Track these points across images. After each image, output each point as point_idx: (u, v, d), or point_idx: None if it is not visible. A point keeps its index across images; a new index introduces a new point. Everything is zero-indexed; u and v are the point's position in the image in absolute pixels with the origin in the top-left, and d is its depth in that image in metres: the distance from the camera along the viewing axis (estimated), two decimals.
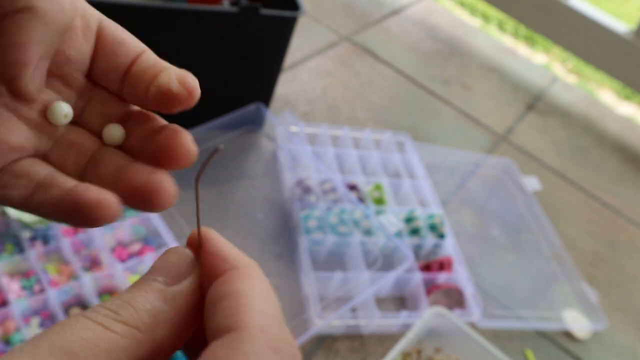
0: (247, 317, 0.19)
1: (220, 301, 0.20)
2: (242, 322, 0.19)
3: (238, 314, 0.19)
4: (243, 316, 0.19)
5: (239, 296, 0.20)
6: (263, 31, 0.95)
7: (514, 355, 0.92)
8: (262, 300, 0.20)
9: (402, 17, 1.61)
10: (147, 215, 0.85)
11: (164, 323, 0.20)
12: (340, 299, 0.88)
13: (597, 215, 1.26)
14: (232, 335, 0.19)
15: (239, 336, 0.19)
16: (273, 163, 1.05)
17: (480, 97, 1.44)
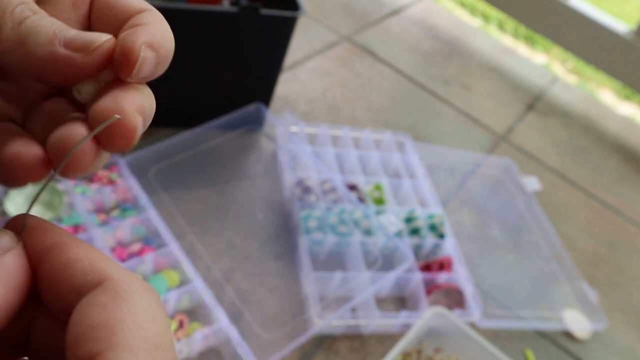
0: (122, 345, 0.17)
1: (90, 331, 0.17)
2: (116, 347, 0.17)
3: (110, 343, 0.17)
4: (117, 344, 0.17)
5: (113, 328, 0.18)
6: (263, 31, 0.95)
7: (514, 355, 0.92)
8: (140, 326, 0.18)
9: (402, 17, 1.61)
10: (147, 215, 0.85)
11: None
12: (340, 299, 0.88)
13: (597, 215, 1.26)
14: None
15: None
16: (273, 163, 1.05)
17: (480, 97, 1.44)
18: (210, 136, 1.02)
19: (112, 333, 0.17)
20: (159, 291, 0.79)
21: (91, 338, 0.17)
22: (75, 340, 0.18)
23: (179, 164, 0.97)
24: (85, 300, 0.18)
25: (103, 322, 0.18)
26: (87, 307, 0.18)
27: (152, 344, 0.18)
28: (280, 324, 0.83)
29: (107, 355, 0.17)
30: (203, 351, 0.77)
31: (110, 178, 0.90)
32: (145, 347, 0.17)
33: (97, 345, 0.17)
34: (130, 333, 0.17)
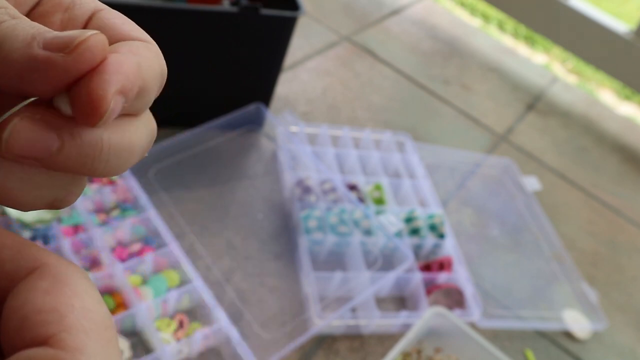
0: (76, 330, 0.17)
1: (36, 315, 0.17)
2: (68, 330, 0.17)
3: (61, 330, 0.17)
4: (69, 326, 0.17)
5: (62, 311, 0.17)
6: (263, 31, 0.95)
7: (514, 355, 0.92)
8: (88, 309, 0.18)
9: (402, 17, 1.61)
10: (147, 215, 0.85)
11: None
12: (340, 299, 0.88)
13: (597, 215, 1.26)
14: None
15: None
16: (273, 163, 1.05)
17: (480, 97, 1.44)
18: (210, 136, 1.02)
19: (62, 316, 0.17)
20: (159, 291, 0.79)
21: (40, 322, 0.17)
22: (20, 326, 0.17)
23: (179, 164, 0.97)
24: (23, 286, 0.18)
25: (50, 307, 0.17)
26: (28, 292, 0.18)
27: (101, 324, 0.18)
28: (280, 324, 0.83)
29: (62, 337, 0.17)
30: (203, 351, 0.78)
31: (110, 178, 0.90)
32: (96, 328, 0.18)
33: (48, 329, 0.17)
34: (81, 315, 0.17)
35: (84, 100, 0.19)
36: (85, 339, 0.17)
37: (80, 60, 0.19)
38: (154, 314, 0.78)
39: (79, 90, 0.19)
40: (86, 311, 0.18)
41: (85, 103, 0.19)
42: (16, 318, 0.17)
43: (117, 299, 0.78)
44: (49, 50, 0.19)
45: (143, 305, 0.75)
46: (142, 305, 0.75)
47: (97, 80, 0.19)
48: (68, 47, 0.19)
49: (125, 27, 0.22)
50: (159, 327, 0.77)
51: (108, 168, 0.20)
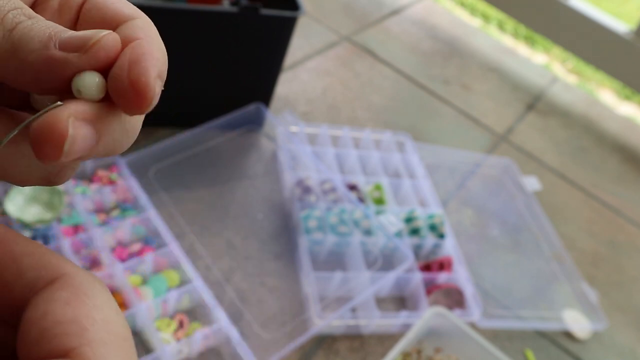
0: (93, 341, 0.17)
1: (57, 327, 0.17)
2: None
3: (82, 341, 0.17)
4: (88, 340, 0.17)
5: (83, 323, 0.17)
6: (263, 31, 0.95)
7: (514, 355, 0.92)
8: (108, 321, 0.18)
9: (402, 17, 1.61)
10: (147, 215, 0.85)
11: None
12: (340, 299, 0.88)
13: (597, 215, 1.26)
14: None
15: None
16: (273, 163, 1.05)
17: (480, 97, 1.44)
18: (210, 136, 1.02)
19: (83, 329, 0.17)
20: (159, 291, 0.79)
21: (60, 334, 0.17)
22: (39, 337, 0.17)
23: (179, 164, 0.97)
24: (43, 296, 0.18)
25: (70, 318, 0.17)
26: (48, 303, 0.18)
27: (121, 336, 0.18)
28: (280, 324, 0.83)
29: (83, 350, 0.17)
30: (203, 351, 0.78)
31: (110, 178, 0.90)
32: (116, 340, 0.18)
33: (68, 341, 0.17)
34: (101, 327, 0.17)
35: (131, 91, 0.19)
36: (106, 352, 0.17)
37: (95, 58, 0.20)
38: (154, 314, 0.78)
39: (122, 82, 0.20)
40: (106, 323, 0.18)
41: (133, 93, 0.19)
42: (36, 329, 0.17)
43: (117, 299, 0.77)
44: (65, 51, 0.19)
45: (143, 305, 0.75)
46: (142, 305, 0.75)
47: (139, 70, 0.20)
48: (84, 47, 0.20)
49: (118, 5, 0.22)
50: (159, 327, 0.77)
51: (124, 149, 0.21)
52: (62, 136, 0.19)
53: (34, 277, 0.18)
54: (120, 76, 0.20)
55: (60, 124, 0.19)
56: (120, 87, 0.20)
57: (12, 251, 0.19)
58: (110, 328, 0.18)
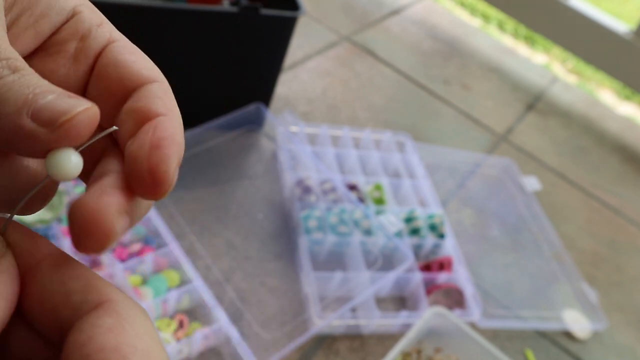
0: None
1: (99, 354, 0.17)
2: None
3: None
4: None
5: (125, 352, 0.17)
6: (263, 31, 0.95)
7: (514, 355, 0.92)
8: (149, 351, 0.18)
9: (402, 17, 1.61)
10: (147, 215, 0.85)
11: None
12: (340, 299, 0.88)
13: (597, 215, 1.26)
14: None
15: None
16: (273, 163, 1.05)
17: (480, 97, 1.44)
18: (210, 136, 1.02)
19: (124, 357, 0.17)
20: (159, 291, 0.79)
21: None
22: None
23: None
24: (89, 321, 0.18)
25: (113, 346, 0.17)
26: (92, 329, 0.18)
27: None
28: (280, 324, 0.83)
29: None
30: (203, 351, 0.78)
31: None
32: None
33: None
34: (141, 357, 0.18)
35: (148, 178, 0.19)
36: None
37: (66, 136, 0.18)
38: (154, 314, 0.78)
39: (141, 166, 0.19)
40: (147, 353, 0.18)
41: (151, 181, 0.19)
42: (79, 354, 0.17)
43: None
44: (36, 122, 0.18)
45: (143, 306, 0.75)
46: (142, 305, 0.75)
47: (160, 157, 0.19)
48: (55, 123, 0.18)
49: (137, 65, 0.21)
50: (159, 327, 0.77)
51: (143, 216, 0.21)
52: (108, 234, 0.18)
53: (80, 300, 0.18)
54: (139, 158, 0.19)
55: (108, 221, 0.18)
56: (137, 170, 0.19)
57: (62, 273, 0.19)
58: (150, 358, 0.18)
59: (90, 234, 0.18)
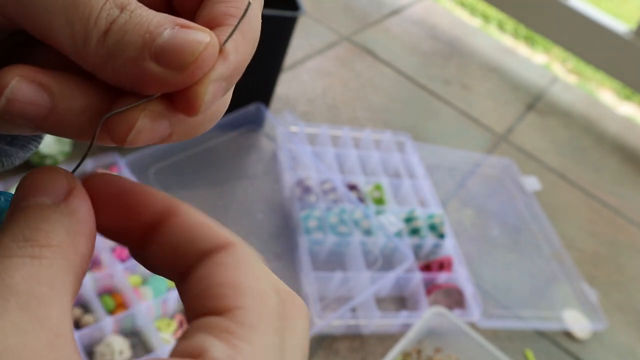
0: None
1: (218, 288, 0.19)
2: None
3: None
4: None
5: (242, 288, 0.19)
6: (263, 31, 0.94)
7: (514, 355, 0.92)
8: (264, 292, 0.19)
9: (402, 17, 1.61)
10: None
11: (76, 234, 0.19)
12: (340, 299, 0.88)
13: (597, 215, 1.26)
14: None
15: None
16: (273, 163, 1.05)
17: (480, 97, 1.44)
18: (210, 136, 1.02)
19: (241, 293, 0.18)
20: (159, 291, 0.79)
21: (220, 294, 0.18)
22: (203, 294, 0.19)
23: (178, 164, 0.97)
24: (213, 259, 0.20)
25: (231, 282, 0.19)
26: (215, 266, 0.19)
27: (274, 311, 0.19)
28: None
29: (237, 312, 0.18)
30: None
31: None
32: (269, 314, 0.19)
33: (226, 302, 0.18)
34: (257, 297, 0.19)
35: (182, 98, 0.19)
36: (257, 320, 0.18)
37: (192, 77, 0.19)
38: (154, 314, 0.78)
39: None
40: (262, 294, 0.19)
41: (183, 99, 0.19)
42: (201, 286, 0.19)
43: (117, 299, 0.78)
44: (161, 66, 0.18)
45: (143, 305, 0.75)
46: (142, 305, 0.75)
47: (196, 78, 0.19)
48: (182, 66, 0.18)
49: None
50: (159, 327, 0.77)
51: (205, 130, 0.22)
52: (128, 127, 0.19)
53: (207, 244, 0.20)
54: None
55: (131, 121, 0.19)
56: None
57: (191, 222, 0.21)
58: (265, 300, 0.19)
59: (113, 127, 0.19)
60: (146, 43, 0.18)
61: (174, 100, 0.20)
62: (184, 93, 0.19)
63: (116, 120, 0.19)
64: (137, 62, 0.18)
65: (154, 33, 0.18)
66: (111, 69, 0.19)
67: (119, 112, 0.19)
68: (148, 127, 0.19)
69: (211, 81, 0.19)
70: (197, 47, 0.19)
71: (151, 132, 0.20)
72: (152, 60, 0.18)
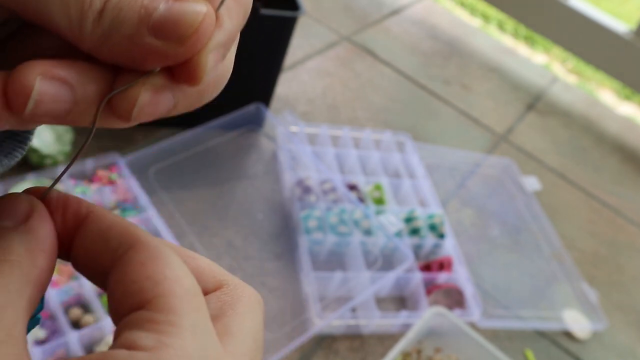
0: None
1: (133, 284, 0.20)
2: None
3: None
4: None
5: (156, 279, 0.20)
6: (263, 31, 0.95)
7: (514, 355, 0.92)
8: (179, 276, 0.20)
9: (402, 17, 1.61)
10: (147, 215, 0.85)
11: (35, 251, 0.20)
12: (340, 299, 0.88)
13: (597, 215, 1.26)
14: None
15: None
16: (273, 163, 1.05)
17: (480, 97, 1.44)
18: (210, 136, 1.02)
19: (156, 283, 0.19)
20: None
21: (137, 290, 0.19)
22: (122, 295, 0.20)
23: (178, 164, 0.97)
24: (124, 259, 0.20)
25: (145, 276, 0.20)
26: (127, 265, 0.20)
27: (191, 291, 0.20)
28: (280, 324, 0.83)
29: (157, 301, 0.19)
30: None
31: (110, 178, 0.90)
32: (187, 293, 0.19)
33: (144, 295, 0.19)
34: (172, 282, 0.20)
35: (183, 69, 0.19)
36: (177, 301, 0.19)
37: (194, 48, 0.19)
38: None
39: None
40: (176, 278, 0.20)
41: (185, 70, 0.19)
42: (119, 289, 0.20)
43: None
44: (161, 40, 0.18)
45: None
46: None
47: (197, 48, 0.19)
48: (182, 38, 0.18)
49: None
50: None
51: (211, 97, 0.22)
52: (131, 104, 0.19)
53: (116, 245, 0.21)
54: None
55: (133, 97, 0.19)
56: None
57: (101, 225, 0.21)
58: (180, 282, 0.20)
59: (114, 106, 0.19)
60: (142, 18, 0.18)
61: (174, 72, 0.20)
62: (184, 64, 0.19)
63: (119, 98, 0.19)
64: (135, 38, 0.18)
65: (149, 7, 0.18)
66: (109, 48, 0.19)
67: (120, 91, 0.19)
68: (151, 100, 0.20)
69: (210, 50, 0.19)
70: (196, 18, 0.19)
71: (155, 105, 0.20)
72: (150, 35, 0.18)
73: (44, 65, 0.19)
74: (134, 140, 0.98)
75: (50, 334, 0.73)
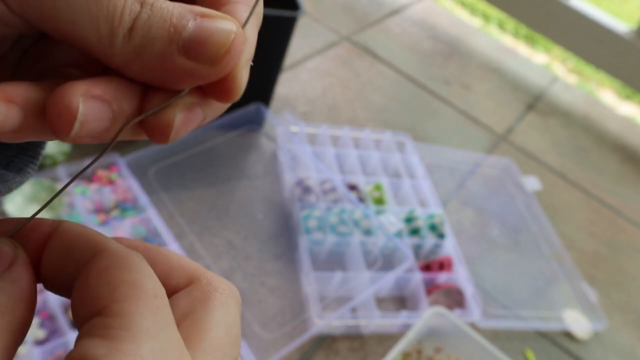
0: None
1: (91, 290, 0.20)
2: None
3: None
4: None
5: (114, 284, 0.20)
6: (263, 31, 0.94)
7: (514, 355, 0.92)
8: (137, 280, 0.20)
9: (402, 17, 1.61)
10: (147, 215, 0.85)
11: (17, 300, 0.20)
12: (340, 299, 0.88)
13: (597, 215, 1.26)
14: None
15: None
16: (273, 163, 1.05)
17: (480, 97, 1.44)
18: (210, 136, 1.02)
19: (113, 289, 0.19)
20: None
21: (95, 297, 0.19)
22: (81, 303, 0.19)
23: (178, 164, 0.97)
24: (85, 269, 0.20)
25: (103, 283, 0.19)
26: (87, 274, 0.20)
27: (150, 294, 0.19)
28: (280, 324, 0.83)
29: (112, 306, 0.19)
30: None
31: (110, 178, 0.90)
32: (144, 296, 0.19)
33: (100, 302, 0.19)
34: (129, 287, 0.19)
35: (217, 87, 0.19)
36: (132, 305, 0.19)
37: (226, 68, 0.19)
38: None
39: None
40: (134, 282, 0.19)
41: (219, 88, 0.19)
42: (79, 297, 0.20)
43: None
44: (192, 60, 0.19)
45: None
46: None
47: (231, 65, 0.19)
48: (213, 59, 0.19)
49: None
50: None
51: (230, 103, 0.22)
52: (169, 127, 0.19)
53: (79, 255, 0.20)
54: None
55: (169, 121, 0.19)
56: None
57: (65, 237, 0.21)
58: (139, 286, 0.19)
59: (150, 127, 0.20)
60: (172, 37, 0.18)
61: (206, 89, 0.20)
62: (218, 82, 0.19)
63: (155, 121, 0.19)
64: (165, 56, 0.19)
65: (178, 26, 0.18)
66: (139, 65, 0.19)
67: (154, 112, 0.19)
68: (184, 119, 0.20)
69: (242, 67, 0.20)
70: (227, 37, 0.19)
71: (188, 124, 0.20)
72: (181, 55, 0.18)
73: (84, 85, 0.19)
74: (133, 140, 0.98)
75: (50, 334, 0.73)
